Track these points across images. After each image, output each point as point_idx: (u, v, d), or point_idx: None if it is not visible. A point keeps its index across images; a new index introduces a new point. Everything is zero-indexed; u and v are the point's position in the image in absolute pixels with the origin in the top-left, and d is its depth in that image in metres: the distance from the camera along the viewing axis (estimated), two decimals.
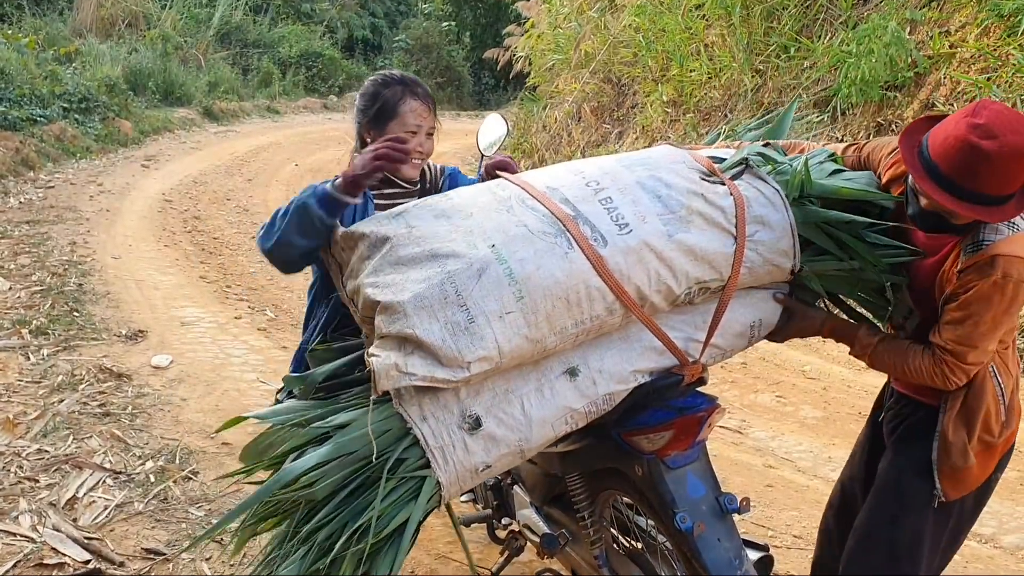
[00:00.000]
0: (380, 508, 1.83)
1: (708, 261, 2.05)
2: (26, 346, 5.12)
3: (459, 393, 1.91)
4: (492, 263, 1.86)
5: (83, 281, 6.61)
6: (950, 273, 2.07)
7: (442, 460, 1.88)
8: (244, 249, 8.30)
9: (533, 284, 1.86)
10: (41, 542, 3.24)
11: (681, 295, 2.05)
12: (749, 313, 2.21)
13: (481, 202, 2.04)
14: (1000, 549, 3.56)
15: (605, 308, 1.95)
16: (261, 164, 13.22)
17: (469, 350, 1.81)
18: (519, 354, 1.88)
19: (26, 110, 11.45)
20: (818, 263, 2.20)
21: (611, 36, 12.24)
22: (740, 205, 2.11)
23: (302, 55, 23.79)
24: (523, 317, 1.85)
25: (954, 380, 2.11)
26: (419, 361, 1.81)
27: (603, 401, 2.03)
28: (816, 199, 2.19)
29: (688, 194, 2.09)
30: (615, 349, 2.04)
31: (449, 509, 2.10)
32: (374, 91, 2.54)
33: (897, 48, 7.69)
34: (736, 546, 2.16)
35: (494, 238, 1.90)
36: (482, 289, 1.83)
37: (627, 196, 2.05)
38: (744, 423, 4.78)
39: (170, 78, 17.14)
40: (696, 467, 2.20)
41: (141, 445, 4.08)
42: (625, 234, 1.98)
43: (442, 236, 1.92)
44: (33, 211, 8.70)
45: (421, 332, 1.80)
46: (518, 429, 1.93)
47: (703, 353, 2.13)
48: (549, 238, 1.92)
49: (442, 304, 1.82)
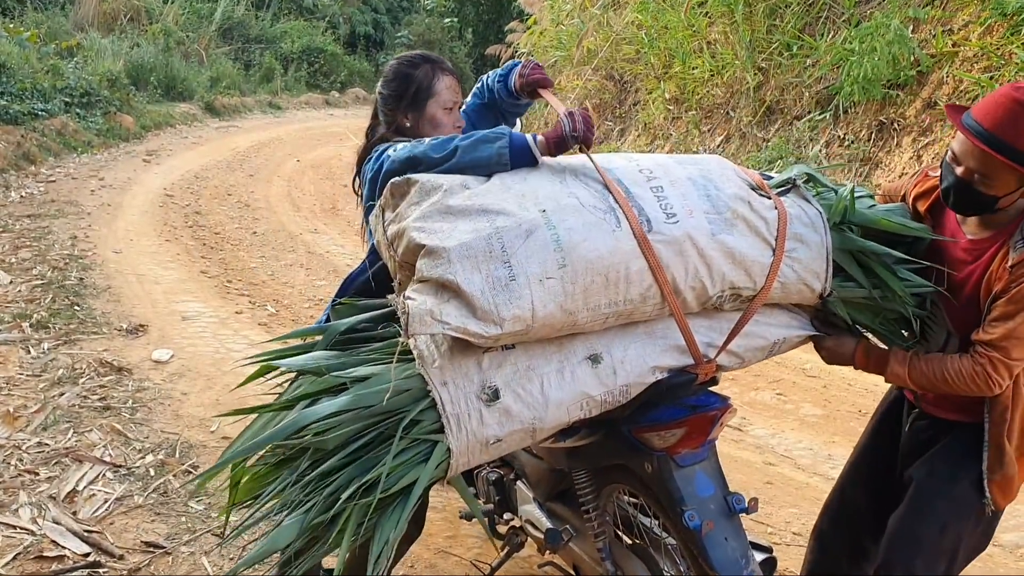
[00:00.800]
0: (390, 466, 1.83)
1: (745, 267, 2.07)
2: (27, 340, 5.12)
3: (481, 363, 1.92)
4: (541, 227, 1.87)
5: (84, 275, 6.61)
6: (1000, 271, 2.08)
7: (456, 427, 1.88)
8: (245, 244, 8.30)
9: (577, 255, 1.87)
10: (41, 535, 3.24)
11: (713, 297, 2.06)
12: (775, 331, 2.24)
13: (537, 171, 2.07)
14: (999, 547, 3.56)
15: (640, 294, 1.96)
16: (263, 159, 13.22)
17: (506, 307, 1.81)
18: (551, 322, 1.88)
19: (27, 104, 11.45)
20: (846, 290, 2.23)
21: (613, 33, 12.23)
22: (783, 219, 2.14)
23: (304, 51, 23.79)
24: (562, 285, 1.86)
25: (996, 379, 2.09)
26: (454, 310, 1.81)
27: (620, 392, 2.03)
28: (855, 227, 2.24)
29: (735, 199, 2.12)
30: (639, 343, 2.05)
31: (459, 484, 2.09)
32: (405, 73, 2.54)
33: (900, 46, 7.69)
34: (743, 546, 2.16)
35: (546, 204, 1.92)
36: (527, 250, 1.85)
37: (678, 189, 2.08)
38: (744, 420, 4.78)
39: (172, 73, 17.16)
40: (706, 466, 2.19)
41: (141, 439, 4.08)
42: (672, 223, 2.00)
43: (495, 193, 1.94)
44: (34, 205, 8.70)
45: (462, 280, 1.80)
46: (534, 407, 1.93)
47: (718, 355, 2.13)
48: (599, 212, 1.94)
49: (487, 257, 1.83)
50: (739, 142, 9.80)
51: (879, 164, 7.88)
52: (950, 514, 2.25)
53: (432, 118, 2.52)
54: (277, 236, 8.71)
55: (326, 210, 10.25)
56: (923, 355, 2.23)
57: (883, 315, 2.27)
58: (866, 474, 2.58)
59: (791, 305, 2.27)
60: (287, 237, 8.71)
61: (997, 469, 2.19)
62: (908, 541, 2.28)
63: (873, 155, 8.00)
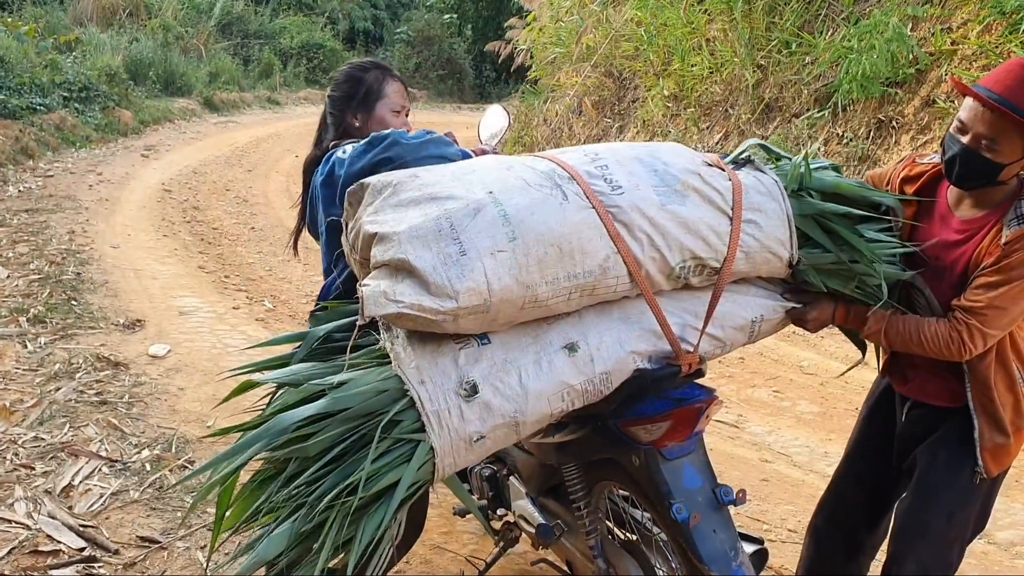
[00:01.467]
0: (371, 469, 1.83)
1: (702, 236, 2.08)
2: (23, 334, 5.12)
3: (458, 360, 1.93)
4: (488, 205, 1.91)
5: (81, 270, 6.61)
6: (991, 247, 2.13)
7: (437, 425, 1.88)
8: (243, 239, 8.30)
9: (526, 227, 1.90)
10: (36, 529, 3.25)
11: (676, 268, 2.07)
12: (751, 309, 2.24)
13: (483, 162, 2.13)
14: (994, 545, 3.56)
15: (599, 264, 1.97)
16: (261, 155, 13.21)
17: (459, 280, 1.83)
18: (510, 297, 1.89)
19: (26, 99, 11.44)
20: (814, 256, 2.24)
21: (613, 30, 12.22)
22: (737, 189, 2.16)
23: (303, 46, 23.77)
24: (515, 258, 1.88)
25: (969, 347, 2.14)
26: (408, 289, 1.84)
27: (600, 381, 2.03)
28: (815, 193, 2.26)
29: (685, 172, 2.14)
30: (615, 328, 2.06)
31: (454, 483, 2.08)
32: (356, 76, 2.64)
33: (898, 44, 7.68)
34: (731, 537, 2.15)
35: (492, 187, 1.96)
36: (476, 226, 1.87)
37: (624, 167, 2.11)
38: (741, 418, 4.78)
39: (171, 68, 17.14)
40: (693, 458, 2.19)
41: (137, 434, 4.08)
42: (617, 194, 2.03)
43: (444, 184, 1.97)
44: (32, 200, 8.69)
45: (413, 258, 1.83)
46: (514, 400, 1.94)
47: (700, 341, 2.12)
48: (545, 190, 1.98)
49: (436, 236, 1.85)
50: (738, 139, 9.79)
51: (878, 162, 7.88)
52: (955, 503, 2.29)
53: (381, 119, 2.61)
54: (275, 231, 8.71)
55: None
56: (900, 315, 2.27)
57: (857, 280, 2.27)
58: (861, 468, 2.59)
59: (763, 281, 2.29)
60: (285, 232, 8.67)
61: (987, 435, 2.24)
62: (917, 532, 2.31)
63: (872, 153, 8.00)
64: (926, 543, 2.31)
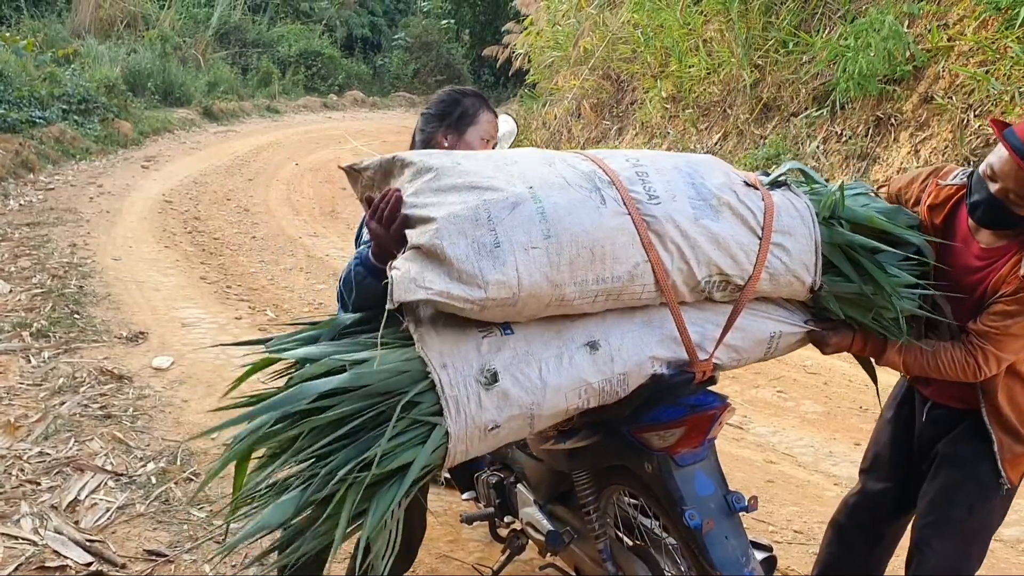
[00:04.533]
0: (386, 447, 1.85)
1: (731, 253, 2.11)
2: (27, 349, 5.12)
3: (480, 348, 1.95)
4: (527, 200, 1.93)
5: (83, 283, 6.62)
6: (1011, 277, 2.18)
7: (455, 410, 1.90)
8: (244, 249, 8.31)
9: (562, 227, 1.92)
10: (43, 545, 3.25)
11: (702, 282, 2.09)
12: (771, 324, 2.27)
13: (526, 155, 2.15)
14: (1000, 542, 3.56)
15: (627, 271, 2.00)
16: (261, 164, 13.23)
17: (490, 271, 1.85)
18: (538, 294, 1.91)
19: (25, 112, 11.46)
20: (837, 284, 2.27)
21: (610, 33, 12.24)
22: (769, 209, 2.19)
23: (301, 54, 23.80)
24: (547, 256, 1.90)
25: (984, 370, 2.21)
26: (437, 277, 1.86)
27: (618, 382, 2.05)
28: (845, 222, 2.28)
29: (721, 188, 2.17)
30: (636, 332, 2.08)
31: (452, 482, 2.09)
32: (454, 99, 2.69)
33: (895, 42, 7.69)
34: (743, 544, 2.17)
35: (533, 182, 1.98)
36: (513, 220, 1.90)
37: (663, 176, 2.14)
38: (745, 418, 4.78)
39: (169, 78, 17.16)
40: (705, 465, 2.21)
41: (142, 447, 4.09)
42: (654, 204, 2.06)
43: (485, 174, 1.99)
44: (33, 213, 8.71)
45: (448, 245, 1.85)
46: (533, 392, 1.96)
47: (716, 350, 2.15)
48: (584, 191, 2.00)
49: (473, 224, 1.88)
50: (736, 139, 9.80)
51: (877, 159, 7.88)
52: (977, 495, 2.35)
53: (469, 144, 2.64)
54: (276, 240, 8.72)
55: (325, 213, 10.26)
56: (917, 344, 2.31)
57: (875, 312, 2.29)
58: (885, 463, 2.64)
59: (784, 301, 2.31)
60: (286, 241, 8.72)
61: (1007, 446, 2.30)
62: (939, 524, 2.38)
63: (871, 151, 8.01)
64: (948, 534, 2.36)
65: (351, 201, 10.97)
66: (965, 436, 2.38)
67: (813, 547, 3.50)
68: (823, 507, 2.97)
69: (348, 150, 14.75)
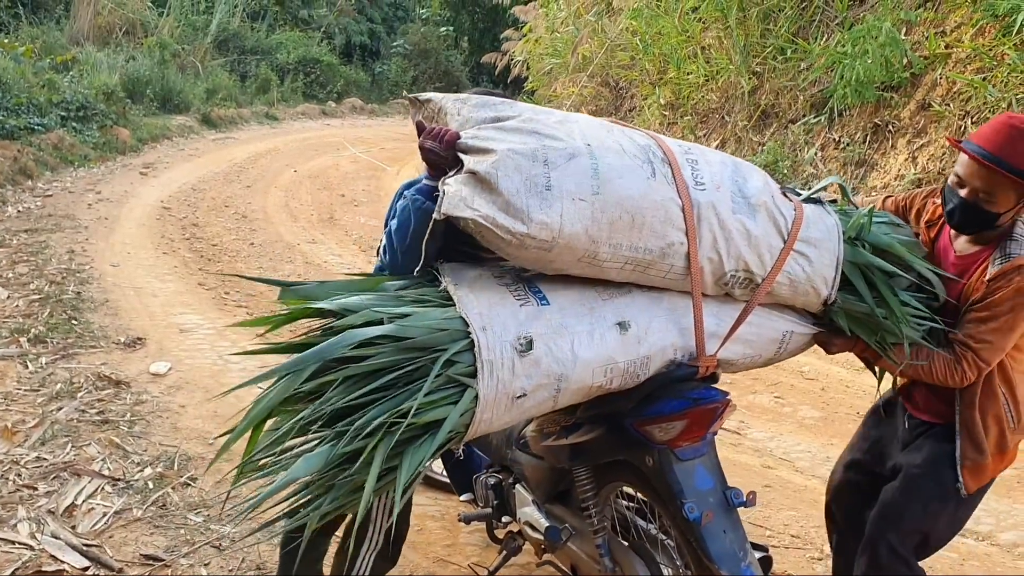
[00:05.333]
0: (422, 401, 1.88)
1: (759, 252, 2.19)
2: (24, 354, 5.12)
3: (518, 315, 2.01)
4: (583, 155, 2.00)
5: (81, 289, 6.61)
6: (978, 283, 2.32)
7: (488, 374, 1.94)
8: (243, 255, 8.31)
9: (611, 188, 2.00)
10: (40, 549, 3.24)
11: (728, 275, 2.17)
12: (784, 323, 2.36)
13: (587, 119, 2.21)
14: (997, 547, 3.57)
15: (660, 248, 2.06)
16: (260, 170, 13.23)
17: (537, 210, 1.92)
18: (574, 244, 1.98)
19: (24, 119, 11.46)
20: (849, 302, 2.36)
21: (608, 40, 12.27)
22: (798, 219, 2.27)
23: (300, 61, 23.83)
24: (591, 211, 1.97)
25: (968, 376, 2.33)
26: (486, 203, 1.92)
27: (641, 364, 2.12)
28: (868, 245, 2.38)
29: (761, 190, 2.25)
30: (663, 317, 2.15)
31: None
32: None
33: (892, 49, 7.71)
34: (740, 538, 2.21)
35: (591, 140, 2.06)
36: (567, 169, 1.97)
37: (710, 167, 2.22)
38: (743, 424, 4.78)
39: (168, 85, 17.18)
40: (705, 460, 2.26)
41: (139, 452, 4.08)
42: (700, 190, 2.13)
43: (548, 124, 2.06)
44: (31, 220, 8.70)
45: (502, 176, 1.92)
46: (563, 364, 2.01)
47: (724, 345, 2.20)
48: (637, 160, 2.08)
49: (530, 163, 1.94)
50: (735, 146, 9.82)
51: (874, 166, 7.90)
52: (933, 495, 2.44)
53: None
54: (275, 247, 8.72)
55: (323, 220, 10.26)
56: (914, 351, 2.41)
57: (880, 335, 2.37)
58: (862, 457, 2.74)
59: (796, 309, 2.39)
60: (285, 247, 8.72)
61: (969, 455, 2.39)
62: (893, 518, 2.46)
63: (868, 157, 8.02)
64: (898, 529, 2.45)
65: (349, 208, 10.99)
66: (933, 439, 2.49)
67: (810, 551, 3.51)
68: (820, 512, 2.98)
69: (347, 157, 14.77)
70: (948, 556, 3.46)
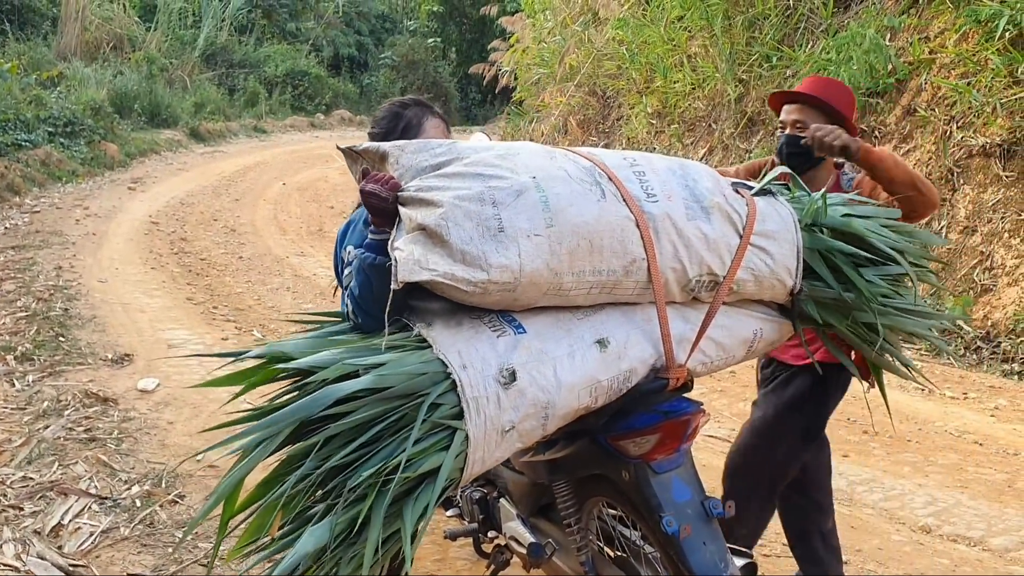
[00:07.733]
0: (412, 451, 1.80)
1: (719, 254, 2.16)
2: (11, 373, 5.09)
3: (496, 347, 1.96)
4: (531, 189, 1.97)
5: (69, 305, 6.59)
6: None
7: (475, 412, 1.88)
8: (231, 270, 8.29)
9: (564, 217, 1.96)
10: (25, 571, 3.21)
11: (692, 280, 2.14)
12: (753, 321, 2.33)
13: (528, 147, 2.18)
14: (989, 552, 3.56)
15: (623, 266, 2.03)
16: (248, 184, 13.22)
17: (494, 254, 1.88)
18: (537, 280, 1.94)
19: (10, 135, 11.44)
20: (816, 289, 2.35)
21: (595, 49, 12.31)
22: (752, 214, 2.26)
23: (288, 74, 23.85)
24: (548, 244, 1.94)
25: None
26: (441, 258, 1.87)
27: (623, 379, 2.08)
28: (826, 229, 2.37)
29: (712, 191, 2.23)
30: (638, 331, 2.12)
31: None
32: (395, 112, 2.62)
33: (876, 55, 7.75)
34: (721, 549, 2.19)
35: (536, 173, 2.02)
36: (517, 207, 1.93)
37: (658, 176, 2.19)
38: (733, 432, 4.76)
39: (156, 100, 17.19)
40: (681, 472, 2.23)
41: (127, 470, 4.06)
42: (652, 202, 2.11)
43: (490, 163, 2.03)
44: (19, 236, 8.67)
45: (453, 227, 1.87)
46: (548, 391, 1.97)
47: (693, 352, 2.18)
48: (585, 184, 2.04)
49: (479, 207, 1.91)
50: (722, 154, 9.84)
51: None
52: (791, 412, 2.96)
53: None
54: (263, 260, 8.70)
55: (312, 232, 10.25)
56: None
57: (852, 319, 2.37)
58: None
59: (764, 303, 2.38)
60: (273, 261, 8.70)
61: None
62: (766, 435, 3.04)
63: None
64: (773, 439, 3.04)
65: (338, 220, 10.96)
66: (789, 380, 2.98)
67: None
68: None
69: (335, 168, 14.76)
70: (940, 562, 3.46)
